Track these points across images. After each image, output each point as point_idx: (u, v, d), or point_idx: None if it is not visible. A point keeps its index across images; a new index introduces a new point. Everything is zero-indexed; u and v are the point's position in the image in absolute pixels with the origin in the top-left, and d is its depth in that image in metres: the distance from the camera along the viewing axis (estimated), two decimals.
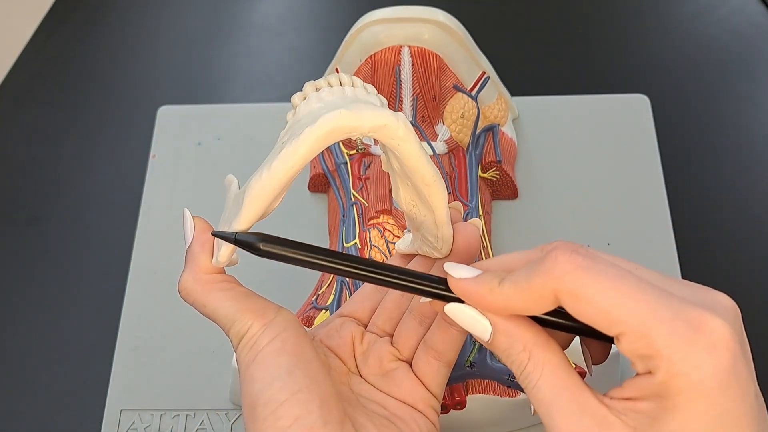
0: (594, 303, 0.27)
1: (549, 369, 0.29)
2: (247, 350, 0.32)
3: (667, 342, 0.26)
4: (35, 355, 0.56)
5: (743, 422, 0.27)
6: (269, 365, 0.31)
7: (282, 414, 0.30)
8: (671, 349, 0.26)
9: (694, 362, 0.26)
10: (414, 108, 0.52)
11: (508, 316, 0.30)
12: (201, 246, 0.34)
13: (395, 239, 0.50)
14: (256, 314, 0.32)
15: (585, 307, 0.27)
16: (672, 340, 0.26)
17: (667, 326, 0.26)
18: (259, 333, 0.32)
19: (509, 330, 0.30)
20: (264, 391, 0.30)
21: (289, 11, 0.76)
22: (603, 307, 0.27)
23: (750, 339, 0.30)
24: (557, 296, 0.28)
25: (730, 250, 0.58)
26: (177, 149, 0.61)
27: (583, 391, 0.29)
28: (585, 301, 0.27)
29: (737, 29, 0.71)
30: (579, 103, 0.61)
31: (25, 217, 0.63)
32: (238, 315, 0.32)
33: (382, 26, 0.52)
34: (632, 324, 0.26)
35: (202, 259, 0.34)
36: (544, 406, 0.29)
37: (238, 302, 0.33)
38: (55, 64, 0.73)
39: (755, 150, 0.63)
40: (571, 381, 0.29)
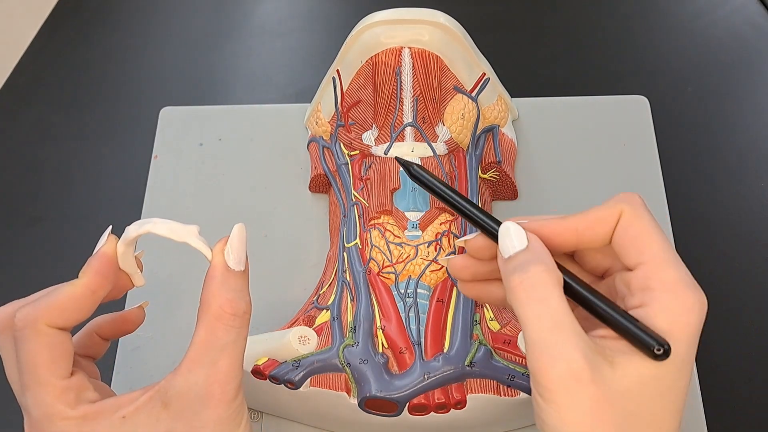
0: (642, 228, 0.33)
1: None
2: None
3: (676, 281, 0.32)
4: None
5: (685, 384, 0.33)
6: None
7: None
8: (677, 287, 0.32)
9: (684, 308, 0.32)
10: (414, 109, 0.53)
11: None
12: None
13: (396, 239, 0.50)
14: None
15: (634, 228, 0.34)
16: (679, 283, 0.32)
17: (681, 272, 0.33)
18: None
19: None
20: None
21: (290, 13, 0.76)
22: (646, 235, 0.33)
23: (750, 339, 0.31)
24: (621, 214, 0.34)
25: (730, 251, 0.58)
26: (179, 150, 0.61)
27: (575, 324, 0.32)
28: (638, 223, 0.34)
29: (737, 30, 0.71)
30: (579, 104, 0.62)
31: (27, 217, 0.63)
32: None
33: (383, 28, 0.52)
34: (656, 259, 0.33)
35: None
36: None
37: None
38: (57, 65, 0.73)
39: (755, 151, 0.63)
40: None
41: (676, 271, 0.33)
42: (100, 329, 0.40)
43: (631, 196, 0.35)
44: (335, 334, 0.47)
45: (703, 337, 0.52)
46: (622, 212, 0.34)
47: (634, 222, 0.34)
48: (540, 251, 0.34)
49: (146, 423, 0.33)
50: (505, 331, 0.47)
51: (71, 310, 0.34)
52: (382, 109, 0.53)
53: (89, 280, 0.35)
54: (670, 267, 0.33)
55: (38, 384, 0.34)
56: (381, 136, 0.53)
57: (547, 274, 0.33)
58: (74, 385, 0.34)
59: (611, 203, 0.35)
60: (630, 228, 0.34)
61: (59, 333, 0.34)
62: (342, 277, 0.50)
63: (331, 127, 0.56)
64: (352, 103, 0.54)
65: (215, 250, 0.35)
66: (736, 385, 0.53)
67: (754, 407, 0.52)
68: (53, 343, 0.34)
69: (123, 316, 0.40)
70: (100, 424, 0.33)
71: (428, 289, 0.48)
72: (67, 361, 0.35)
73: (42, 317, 0.34)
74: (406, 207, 0.51)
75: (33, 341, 0.34)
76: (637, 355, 0.32)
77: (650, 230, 0.34)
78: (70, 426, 0.33)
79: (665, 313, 0.32)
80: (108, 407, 0.34)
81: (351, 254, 0.50)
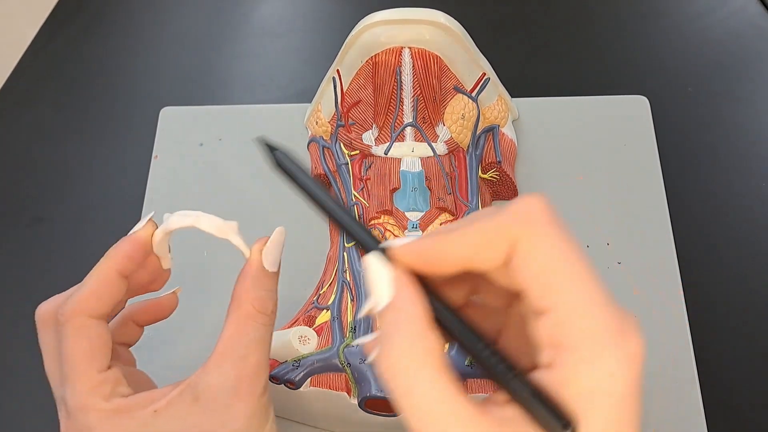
0: (547, 261, 0.25)
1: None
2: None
3: (592, 336, 0.25)
4: (37, 356, 0.56)
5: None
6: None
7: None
8: (591, 345, 0.24)
9: (605, 372, 0.24)
10: (415, 109, 0.53)
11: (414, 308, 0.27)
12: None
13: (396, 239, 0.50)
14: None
15: (536, 262, 0.25)
16: (596, 338, 0.24)
17: (598, 321, 0.25)
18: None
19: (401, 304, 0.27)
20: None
21: (290, 13, 0.76)
22: (551, 271, 0.25)
23: (750, 339, 0.30)
24: (516, 240, 0.26)
25: (730, 251, 0.58)
26: (179, 150, 0.61)
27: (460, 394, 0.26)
28: (540, 255, 0.25)
29: (737, 31, 0.71)
30: (579, 104, 0.62)
31: (28, 217, 0.63)
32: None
33: (383, 28, 0.52)
34: (566, 305, 0.25)
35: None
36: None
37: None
38: (57, 65, 0.73)
39: (755, 151, 0.63)
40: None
41: (594, 320, 0.25)
42: (134, 316, 0.40)
43: (528, 209, 0.26)
44: (335, 334, 0.47)
45: (703, 337, 0.53)
46: (517, 240, 0.26)
47: (534, 253, 0.25)
48: (406, 309, 0.27)
49: (177, 417, 0.34)
50: None
51: (104, 295, 0.35)
52: (383, 109, 0.53)
53: (115, 262, 0.36)
54: (587, 313, 0.25)
55: (76, 376, 0.34)
56: (381, 136, 0.53)
57: (412, 352, 0.26)
58: (110, 379, 0.35)
59: (501, 221, 0.26)
60: (530, 262, 0.26)
61: (98, 324, 0.35)
62: (342, 277, 0.50)
63: (331, 127, 0.56)
64: (352, 103, 0.54)
65: (253, 250, 0.36)
66: (736, 385, 0.53)
67: (754, 407, 0.52)
68: (92, 335, 0.35)
69: (157, 302, 0.41)
70: (132, 418, 0.34)
71: None
72: (105, 354, 0.35)
73: (81, 309, 0.35)
74: (406, 207, 0.51)
75: (74, 334, 0.35)
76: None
77: (558, 262, 0.25)
78: (102, 418, 0.34)
79: (578, 381, 0.25)
80: (140, 402, 0.34)
81: (351, 254, 0.50)
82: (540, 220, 0.26)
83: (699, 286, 0.56)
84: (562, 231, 0.26)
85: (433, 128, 0.53)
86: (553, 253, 0.25)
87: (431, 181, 0.52)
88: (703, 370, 0.50)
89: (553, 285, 0.25)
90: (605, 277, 0.55)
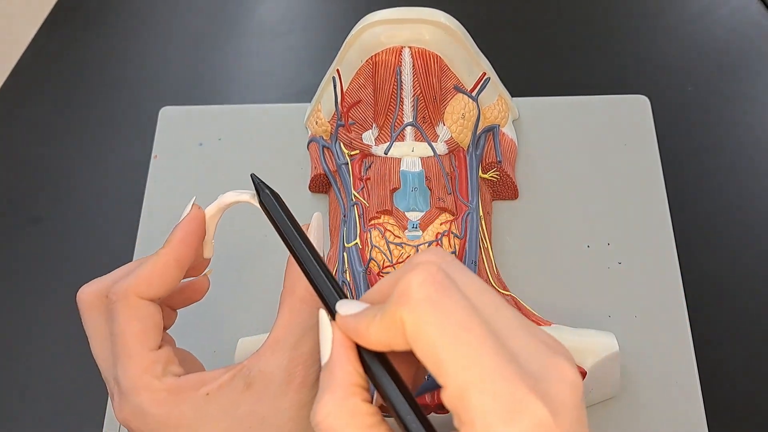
0: (429, 344, 0.26)
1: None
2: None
3: (483, 414, 0.25)
4: (36, 356, 0.56)
5: None
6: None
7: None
8: (484, 423, 0.25)
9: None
10: (415, 109, 0.53)
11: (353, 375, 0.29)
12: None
13: (396, 239, 0.50)
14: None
15: (421, 342, 0.26)
16: (487, 416, 0.25)
17: (488, 398, 0.25)
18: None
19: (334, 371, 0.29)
20: None
21: (290, 12, 0.76)
22: (436, 353, 0.26)
23: (750, 339, 0.30)
24: (402, 323, 0.27)
25: (730, 251, 0.58)
26: (178, 150, 0.61)
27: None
28: (423, 336, 0.26)
29: (738, 30, 0.71)
30: (579, 103, 0.61)
31: (26, 217, 0.63)
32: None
33: (383, 27, 0.52)
34: (456, 382, 0.25)
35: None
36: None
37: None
38: (56, 64, 0.73)
39: (755, 150, 0.63)
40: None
41: (483, 397, 0.25)
42: (168, 299, 0.40)
43: (406, 289, 0.26)
44: None
45: (703, 337, 0.52)
46: (403, 321, 0.26)
47: (417, 335, 0.26)
48: (336, 372, 0.29)
49: (229, 402, 0.34)
50: None
51: (158, 281, 0.35)
52: (383, 108, 0.53)
53: (172, 249, 0.36)
54: (476, 390, 0.25)
55: (128, 356, 0.34)
56: (381, 135, 0.53)
57: (337, 413, 0.28)
58: (162, 358, 0.35)
59: (388, 306, 0.27)
60: (415, 343, 0.26)
61: (149, 305, 0.35)
62: (342, 278, 0.50)
63: (331, 127, 0.56)
64: (352, 103, 0.54)
65: None
66: (736, 385, 0.53)
67: (754, 407, 0.52)
68: (144, 315, 0.35)
69: (190, 284, 0.41)
70: (184, 399, 0.34)
71: None
72: (156, 333, 0.35)
73: (133, 290, 0.35)
74: (407, 207, 0.51)
75: (125, 313, 0.35)
76: None
77: (440, 341, 0.26)
78: (154, 399, 0.34)
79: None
80: (192, 383, 0.34)
81: (351, 254, 0.50)
82: (417, 299, 0.26)
83: (699, 286, 0.55)
84: (443, 305, 0.26)
85: (433, 128, 0.53)
86: (434, 333, 0.26)
87: (431, 180, 0.52)
88: (703, 370, 0.50)
89: (440, 364, 0.26)
90: (605, 277, 0.55)
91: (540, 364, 0.27)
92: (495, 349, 0.26)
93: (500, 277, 0.52)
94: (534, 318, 0.49)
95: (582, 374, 0.45)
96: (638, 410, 0.48)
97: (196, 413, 0.33)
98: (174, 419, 0.34)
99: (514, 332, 0.27)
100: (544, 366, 0.27)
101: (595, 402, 0.48)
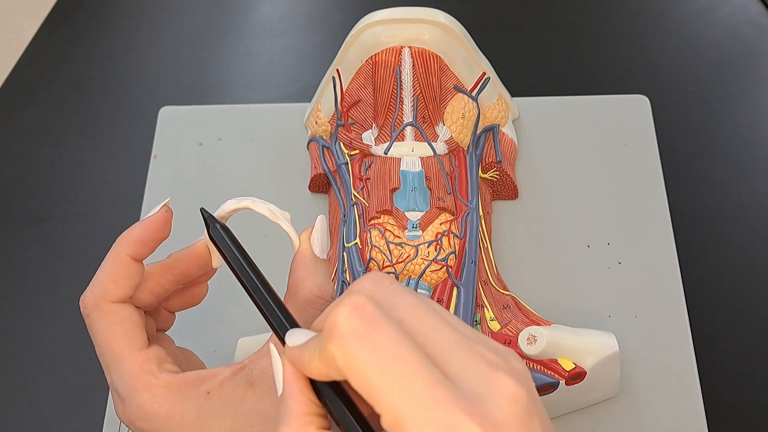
0: (359, 376, 0.26)
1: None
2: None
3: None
4: (36, 356, 0.56)
5: None
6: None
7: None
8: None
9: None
10: (415, 108, 0.53)
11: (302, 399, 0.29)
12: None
13: (396, 239, 0.50)
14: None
15: (351, 377, 0.27)
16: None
17: (422, 425, 0.25)
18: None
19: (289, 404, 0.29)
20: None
21: (290, 12, 0.76)
22: (368, 384, 0.26)
23: (751, 339, 0.30)
24: (334, 358, 0.27)
25: (730, 250, 0.58)
26: (178, 149, 0.61)
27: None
28: (354, 372, 0.26)
29: (737, 30, 0.71)
30: (579, 103, 0.61)
31: (26, 217, 0.63)
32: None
33: (383, 27, 0.52)
34: (390, 410, 0.26)
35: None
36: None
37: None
38: (56, 64, 0.73)
39: (755, 150, 0.63)
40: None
41: (417, 425, 0.25)
42: (167, 303, 0.40)
43: (332, 323, 0.27)
44: None
45: (703, 337, 0.52)
46: (334, 356, 0.27)
47: (346, 368, 0.27)
48: (289, 404, 0.29)
49: (232, 400, 0.34)
50: (505, 331, 0.47)
51: (120, 280, 0.36)
52: (382, 108, 0.53)
53: (126, 246, 0.36)
54: (408, 419, 0.25)
55: (119, 360, 0.35)
56: (381, 135, 0.53)
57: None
58: (153, 357, 0.35)
59: (320, 340, 0.28)
60: (350, 375, 0.27)
61: (124, 307, 0.36)
62: (342, 278, 0.50)
63: (331, 127, 0.56)
64: (352, 103, 0.54)
65: (302, 238, 0.36)
66: (736, 385, 0.53)
67: (754, 407, 0.52)
68: (122, 317, 0.35)
69: (189, 289, 0.41)
70: (185, 396, 0.34)
71: (428, 289, 0.48)
72: (140, 333, 0.35)
73: (101, 297, 0.35)
74: (406, 207, 0.51)
75: (103, 321, 0.35)
76: None
77: (370, 372, 0.26)
78: (155, 397, 0.34)
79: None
80: (191, 379, 0.34)
81: (351, 254, 0.50)
82: (343, 333, 0.27)
83: (699, 286, 0.55)
84: (369, 336, 0.26)
85: (433, 128, 0.53)
86: (363, 365, 0.26)
87: (431, 180, 0.52)
88: (703, 370, 0.50)
89: (373, 394, 0.26)
90: (605, 277, 0.55)
91: (479, 383, 0.26)
92: (428, 375, 0.26)
93: (500, 277, 0.52)
94: (534, 318, 0.49)
95: (582, 374, 0.45)
96: (638, 410, 0.48)
97: (199, 411, 0.34)
98: (176, 417, 0.34)
99: (452, 353, 0.27)
100: (483, 384, 0.26)
101: (595, 402, 0.48)
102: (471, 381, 0.26)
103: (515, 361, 0.28)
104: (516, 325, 0.47)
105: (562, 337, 0.45)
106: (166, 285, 0.38)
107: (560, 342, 0.45)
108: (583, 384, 0.45)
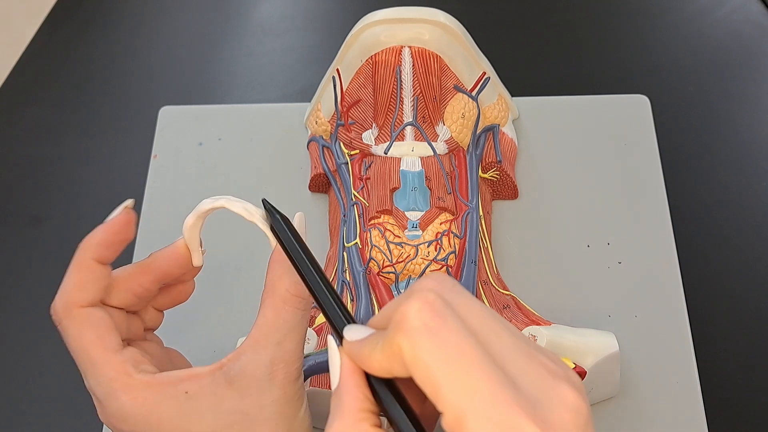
0: (425, 370, 0.26)
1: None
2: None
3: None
4: (36, 356, 0.56)
5: None
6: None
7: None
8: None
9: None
10: (415, 108, 0.53)
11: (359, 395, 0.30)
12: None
13: (396, 239, 0.50)
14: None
15: (416, 371, 0.27)
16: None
17: (484, 424, 0.25)
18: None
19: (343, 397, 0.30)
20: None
21: (290, 12, 0.76)
22: (433, 380, 0.26)
23: (751, 339, 0.30)
24: (400, 351, 0.27)
25: (730, 250, 0.58)
26: (178, 149, 0.61)
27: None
28: (418, 364, 0.26)
29: (737, 29, 0.71)
30: (579, 103, 0.61)
31: (26, 217, 0.63)
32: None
33: (383, 27, 0.52)
34: (453, 408, 0.26)
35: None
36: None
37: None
38: (56, 64, 0.73)
39: (755, 150, 0.63)
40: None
41: (479, 424, 0.25)
42: (154, 301, 0.40)
43: (402, 317, 0.27)
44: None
45: (703, 337, 0.52)
46: (401, 349, 0.27)
47: (414, 362, 0.27)
48: (344, 398, 0.30)
49: (211, 399, 0.34)
50: None
51: (87, 284, 0.36)
52: (382, 108, 0.53)
53: (90, 251, 0.36)
54: (471, 418, 0.25)
55: (94, 363, 0.35)
56: (381, 135, 0.53)
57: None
58: (129, 357, 0.35)
59: (387, 334, 0.28)
60: (413, 370, 0.27)
61: (95, 310, 0.36)
62: (342, 277, 0.50)
63: (331, 127, 0.56)
64: (352, 103, 0.54)
65: None
66: (736, 385, 0.53)
67: (754, 407, 0.52)
68: (94, 321, 0.35)
69: (173, 286, 0.41)
70: (164, 396, 0.34)
71: None
72: (113, 335, 0.36)
73: (70, 302, 0.35)
74: (406, 206, 0.51)
75: (75, 326, 0.35)
76: None
77: (435, 367, 0.26)
78: (134, 398, 0.34)
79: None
80: (168, 379, 0.34)
81: (351, 254, 0.50)
82: (413, 326, 0.27)
83: (699, 286, 0.55)
84: (439, 331, 0.27)
85: (433, 127, 0.53)
86: (430, 360, 0.26)
87: (431, 180, 0.52)
88: (703, 370, 0.50)
89: (437, 390, 0.26)
90: (605, 277, 0.55)
91: (540, 389, 0.27)
92: (492, 375, 0.26)
93: (500, 277, 0.52)
94: (534, 318, 0.49)
95: (582, 374, 0.45)
96: (638, 410, 0.48)
97: (179, 410, 0.34)
98: (155, 417, 0.34)
99: (514, 357, 0.27)
100: (544, 391, 0.27)
101: (595, 402, 0.48)
102: (531, 386, 0.27)
103: (573, 374, 0.28)
104: (516, 324, 0.47)
105: (562, 337, 0.45)
106: (147, 285, 0.38)
107: (560, 342, 0.45)
108: (583, 384, 0.45)
